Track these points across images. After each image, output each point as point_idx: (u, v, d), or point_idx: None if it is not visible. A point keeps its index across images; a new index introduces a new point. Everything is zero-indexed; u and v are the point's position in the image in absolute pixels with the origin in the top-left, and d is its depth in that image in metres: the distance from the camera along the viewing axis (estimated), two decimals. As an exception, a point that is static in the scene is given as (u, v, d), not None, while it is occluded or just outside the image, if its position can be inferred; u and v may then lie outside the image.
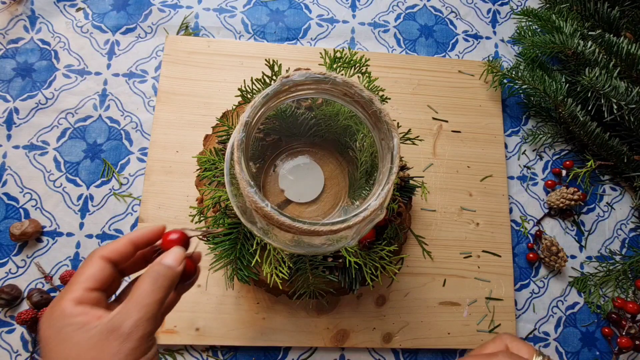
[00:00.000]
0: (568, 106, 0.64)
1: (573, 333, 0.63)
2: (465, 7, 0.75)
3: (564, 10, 0.69)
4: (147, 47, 0.67)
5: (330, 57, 0.52)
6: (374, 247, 0.53)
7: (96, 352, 0.27)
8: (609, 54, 0.63)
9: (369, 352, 0.60)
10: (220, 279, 0.58)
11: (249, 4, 0.71)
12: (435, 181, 0.65)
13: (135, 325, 0.28)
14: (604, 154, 0.67)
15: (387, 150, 0.38)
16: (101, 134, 0.64)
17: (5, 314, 0.57)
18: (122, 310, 0.29)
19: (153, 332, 0.30)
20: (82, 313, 0.28)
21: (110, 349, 0.27)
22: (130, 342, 0.28)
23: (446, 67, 0.70)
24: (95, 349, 0.27)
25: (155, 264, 0.32)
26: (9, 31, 0.66)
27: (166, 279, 0.31)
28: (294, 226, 0.34)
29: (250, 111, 0.37)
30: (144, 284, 0.30)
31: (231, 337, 0.57)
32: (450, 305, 0.61)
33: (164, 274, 0.31)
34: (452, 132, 0.68)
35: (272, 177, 0.52)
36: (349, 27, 0.72)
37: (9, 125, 0.62)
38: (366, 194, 0.48)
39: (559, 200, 0.65)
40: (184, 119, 0.63)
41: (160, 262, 0.32)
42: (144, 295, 0.30)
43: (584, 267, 0.66)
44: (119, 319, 0.28)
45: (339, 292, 0.55)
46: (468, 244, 0.64)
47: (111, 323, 0.28)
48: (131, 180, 0.62)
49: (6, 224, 0.59)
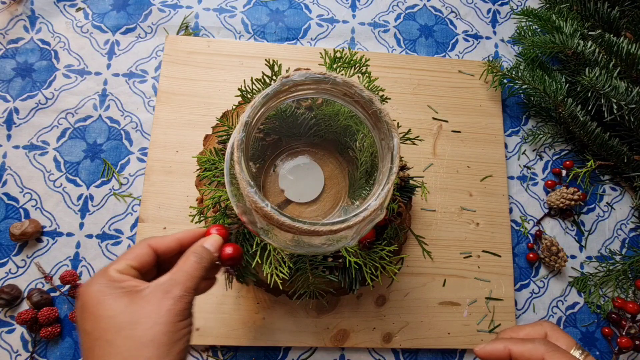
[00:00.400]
0: (568, 106, 0.64)
1: (573, 333, 0.63)
2: (465, 7, 0.75)
3: (564, 10, 0.69)
4: (147, 47, 0.67)
5: (330, 57, 0.52)
6: (374, 247, 0.53)
7: (152, 307, 0.31)
8: (609, 54, 0.63)
9: (369, 352, 0.60)
10: (220, 279, 0.58)
11: (249, 4, 0.71)
12: (435, 181, 0.65)
13: (186, 290, 0.33)
14: (604, 154, 0.67)
15: (387, 150, 0.38)
16: (101, 134, 0.64)
17: (5, 314, 0.57)
18: (172, 277, 0.33)
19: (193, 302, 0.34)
20: (127, 280, 0.33)
21: (165, 306, 0.31)
22: (181, 304, 0.32)
23: (446, 67, 0.70)
24: (151, 304, 0.31)
25: (198, 245, 0.37)
26: (9, 31, 0.66)
27: (206, 260, 0.36)
28: (294, 226, 0.34)
29: (250, 111, 0.37)
30: (190, 260, 0.35)
31: (231, 337, 0.57)
32: (450, 305, 0.61)
33: (207, 256, 0.36)
34: (452, 132, 0.68)
35: (272, 177, 0.52)
36: (349, 27, 0.72)
37: (9, 125, 0.62)
38: (366, 194, 0.48)
39: (559, 200, 0.65)
40: (184, 119, 0.63)
41: (202, 245, 0.37)
42: (191, 269, 0.34)
43: (584, 267, 0.66)
44: (170, 284, 0.33)
45: (339, 292, 0.55)
46: (468, 244, 0.64)
47: (164, 286, 0.32)
48: (131, 180, 0.62)
49: (6, 224, 0.59)
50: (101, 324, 0.30)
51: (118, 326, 0.30)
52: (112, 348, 0.29)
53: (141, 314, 0.30)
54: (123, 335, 0.30)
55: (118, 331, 0.30)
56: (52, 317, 0.55)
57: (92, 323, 0.30)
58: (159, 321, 0.30)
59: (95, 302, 0.31)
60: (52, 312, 0.55)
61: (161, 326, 0.30)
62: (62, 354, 0.56)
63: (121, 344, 0.29)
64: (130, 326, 0.30)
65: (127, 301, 0.31)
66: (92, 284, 0.32)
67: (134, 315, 0.30)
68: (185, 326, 0.32)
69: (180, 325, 0.31)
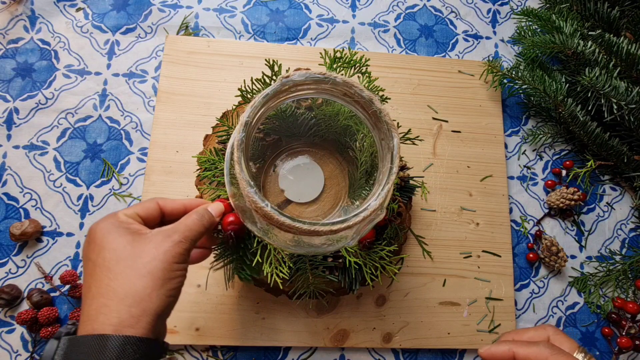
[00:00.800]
0: (568, 106, 0.64)
1: (573, 333, 0.63)
2: (465, 7, 0.75)
3: (564, 10, 0.69)
4: (147, 47, 0.67)
5: (330, 57, 0.52)
6: (374, 247, 0.53)
7: (152, 245, 0.34)
8: (609, 54, 0.63)
9: (369, 352, 0.60)
10: (220, 279, 0.58)
11: (249, 4, 0.71)
12: (435, 181, 0.65)
13: (184, 237, 0.36)
14: (604, 154, 0.67)
15: (387, 150, 0.38)
16: (101, 134, 0.64)
17: (5, 314, 0.57)
18: (174, 226, 0.36)
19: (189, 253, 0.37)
20: (133, 223, 0.36)
21: (163, 247, 0.34)
22: (179, 248, 0.35)
23: (446, 67, 0.70)
24: (152, 243, 0.34)
25: (202, 207, 0.40)
26: (9, 31, 0.66)
27: (207, 220, 0.39)
28: (294, 226, 0.34)
29: (250, 111, 0.37)
30: (192, 216, 0.38)
31: (231, 337, 0.57)
32: (450, 305, 0.61)
33: (208, 217, 0.39)
34: (452, 132, 0.68)
35: (272, 177, 0.52)
36: (349, 27, 0.72)
37: (9, 125, 0.62)
38: (366, 194, 0.48)
39: (559, 200, 0.65)
40: (184, 119, 0.63)
41: (206, 208, 0.40)
42: (191, 223, 0.37)
43: (584, 267, 0.66)
44: (172, 230, 0.36)
45: (338, 292, 0.55)
46: (468, 244, 0.64)
47: (166, 231, 0.35)
48: (131, 180, 0.62)
49: (6, 224, 0.59)
50: (104, 254, 0.33)
51: (119, 257, 0.33)
52: (112, 274, 0.33)
53: (142, 249, 0.34)
54: (123, 265, 0.33)
55: (118, 261, 0.33)
56: (52, 317, 0.55)
57: (97, 253, 0.34)
58: (157, 257, 0.33)
59: (101, 235, 0.34)
60: (52, 312, 0.55)
61: (158, 262, 0.33)
62: (62, 354, 0.56)
63: (120, 272, 0.33)
64: (131, 258, 0.33)
65: (131, 239, 0.34)
66: (101, 222, 0.35)
67: (135, 250, 0.34)
68: (180, 269, 0.35)
69: (176, 267, 0.34)
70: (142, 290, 0.32)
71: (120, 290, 0.32)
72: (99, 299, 0.32)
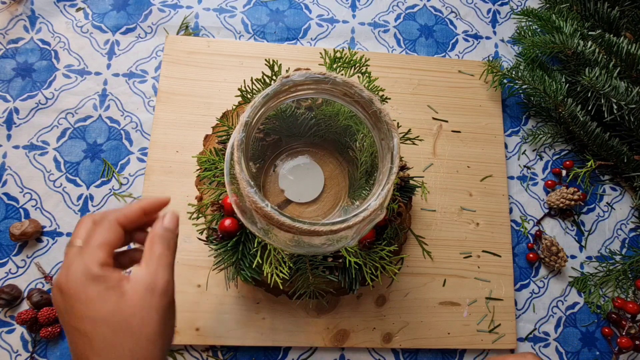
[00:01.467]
0: (568, 106, 0.64)
1: (573, 333, 0.63)
2: (465, 7, 0.75)
3: (564, 10, 0.69)
4: (147, 47, 0.67)
5: (330, 57, 0.52)
6: (374, 247, 0.53)
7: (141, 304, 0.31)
8: (609, 54, 0.63)
9: (369, 352, 0.60)
10: (220, 279, 0.58)
11: (249, 4, 0.71)
12: (435, 181, 0.65)
13: (168, 282, 0.33)
14: (604, 154, 0.67)
15: (387, 150, 0.38)
16: (101, 134, 0.64)
17: (5, 314, 0.57)
18: (149, 271, 0.33)
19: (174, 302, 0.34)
20: (109, 274, 0.32)
21: (154, 303, 0.31)
22: (168, 297, 0.32)
23: (446, 67, 0.70)
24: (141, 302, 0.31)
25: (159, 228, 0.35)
26: (9, 31, 0.66)
27: (172, 242, 0.35)
28: (294, 226, 0.34)
29: (250, 111, 0.37)
30: (160, 248, 0.34)
31: (231, 337, 0.57)
32: (450, 305, 0.61)
33: (171, 238, 0.35)
34: (452, 132, 0.68)
35: (272, 177, 0.52)
36: (349, 27, 0.72)
37: (9, 125, 0.62)
38: (366, 194, 0.48)
39: (559, 200, 0.65)
40: (184, 119, 0.63)
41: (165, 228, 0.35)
42: (163, 257, 0.34)
43: (584, 267, 0.66)
44: (152, 279, 0.32)
45: (338, 292, 0.55)
46: (468, 244, 0.64)
47: (147, 283, 0.32)
48: (131, 180, 0.62)
49: (6, 224, 0.59)
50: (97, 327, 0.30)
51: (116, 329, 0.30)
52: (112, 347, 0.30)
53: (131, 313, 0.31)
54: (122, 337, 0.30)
55: (116, 333, 0.30)
56: (52, 317, 0.55)
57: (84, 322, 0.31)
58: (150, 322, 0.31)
59: (85, 301, 0.31)
60: (52, 312, 0.55)
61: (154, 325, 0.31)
62: (62, 354, 0.56)
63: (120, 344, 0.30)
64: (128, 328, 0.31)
65: (116, 299, 0.31)
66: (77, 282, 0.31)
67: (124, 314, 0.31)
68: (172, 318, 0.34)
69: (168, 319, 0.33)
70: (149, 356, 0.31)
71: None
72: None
